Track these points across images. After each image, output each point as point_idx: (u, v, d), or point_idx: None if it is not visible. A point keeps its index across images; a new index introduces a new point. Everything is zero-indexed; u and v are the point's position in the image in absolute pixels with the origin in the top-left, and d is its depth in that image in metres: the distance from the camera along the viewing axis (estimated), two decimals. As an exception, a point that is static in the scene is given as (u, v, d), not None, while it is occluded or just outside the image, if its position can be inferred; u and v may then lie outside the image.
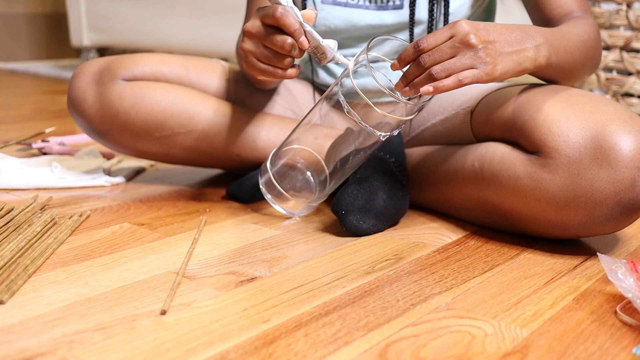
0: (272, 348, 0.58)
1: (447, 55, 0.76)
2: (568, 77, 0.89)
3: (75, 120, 1.03)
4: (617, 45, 1.62)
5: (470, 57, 0.76)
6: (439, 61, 0.76)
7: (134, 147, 1.03)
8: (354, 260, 0.80)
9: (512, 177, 0.82)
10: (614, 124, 0.76)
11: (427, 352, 0.58)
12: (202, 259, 0.78)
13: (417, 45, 0.76)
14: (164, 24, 2.58)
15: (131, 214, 0.96)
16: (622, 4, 1.60)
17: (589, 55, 0.90)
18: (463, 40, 0.75)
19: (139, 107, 0.98)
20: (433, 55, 0.76)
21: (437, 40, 0.76)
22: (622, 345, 0.60)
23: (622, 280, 0.66)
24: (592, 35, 0.90)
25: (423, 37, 0.77)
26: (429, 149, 0.99)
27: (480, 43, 0.76)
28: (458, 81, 0.75)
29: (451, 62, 0.75)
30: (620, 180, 0.75)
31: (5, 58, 3.14)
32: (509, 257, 0.82)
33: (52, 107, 2.00)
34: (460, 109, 0.96)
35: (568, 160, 0.77)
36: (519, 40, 0.79)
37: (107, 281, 0.71)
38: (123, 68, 1.00)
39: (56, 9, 3.26)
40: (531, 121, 0.81)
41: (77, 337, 0.58)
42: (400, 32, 1.02)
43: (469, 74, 0.75)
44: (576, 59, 0.87)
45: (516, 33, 0.79)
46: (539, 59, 0.80)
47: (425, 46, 0.76)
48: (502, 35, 0.78)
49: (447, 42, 0.76)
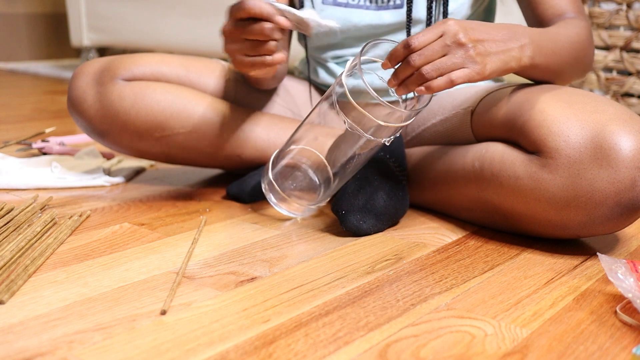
0: (272, 348, 0.58)
1: (437, 55, 0.76)
2: (556, 78, 0.90)
3: (75, 120, 1.02)
4: (617, 45, 1.62)
5: (461, 57, 0.76)
6: (429, 60, 0.76)
7: (134, 147, 1.03)
8: (354, 260, 0.80)
9: (512, 177, 0.82)
10: (614, 124, 0.76)
11: (427, 352, 0.58)
12: (202, 259, 0.78)
13: (407, 44, 0.76)
14: (164, 24, 2.58)
15: (131, 214, 0.96)
16: (622, 4, 1.60)
17: (579, 56, 0.91)
18: (453, 39, 0.76)
19: (138, 107, 0.98)
20: (423, 54, 0.76)
21: (427, 39, 0.76)
22: (622, 345, 0.60)
23: (622, 280, 0.66)
24: (582, 37, 0.90)
25: (413, 35, 0.77)
26: (429, 149, 0.99)
27: (470, 42, 0.76)
28: (450, 81, 0.75)
29: (442, 61, 0.76)
30: (621, 180, 0.75)
31: (5, 58, 3.14)
32: (509, 257, 0.82)
33: (52, 107, 2.00)
34: (460, 109, 0.96)
35: (568, 160, 0.77)
36: (505, 40, 0.80)
37: (107, 281, 0.71)
38: (123, 68, 1.00)
39: (56, 9, 3.26)
40: (531, 121, 0.81)
41: (77, 337, 0.58)
42: (400, 32, 1.02)
43: (461, 73, 0.76)
44: (564, 60, 0.88)
45: (503, 32, 0.80)
46: (524, 59, 0.81)
47: (415, 45, 0.76)
48: (490, 35, 0.78)
49: (437, 40, 0.76)
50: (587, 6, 1.67)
